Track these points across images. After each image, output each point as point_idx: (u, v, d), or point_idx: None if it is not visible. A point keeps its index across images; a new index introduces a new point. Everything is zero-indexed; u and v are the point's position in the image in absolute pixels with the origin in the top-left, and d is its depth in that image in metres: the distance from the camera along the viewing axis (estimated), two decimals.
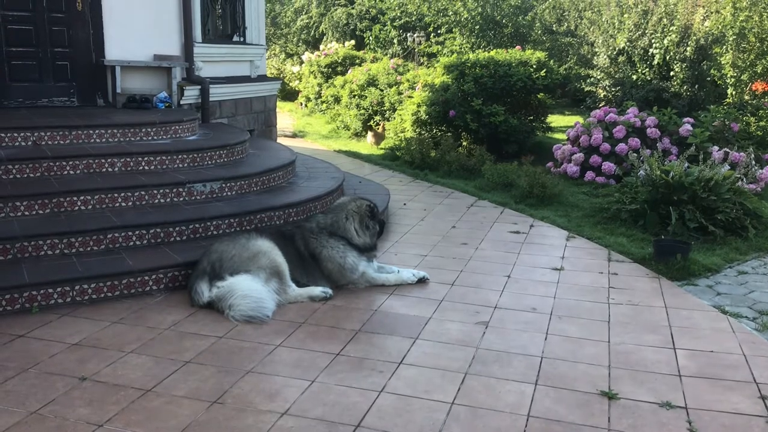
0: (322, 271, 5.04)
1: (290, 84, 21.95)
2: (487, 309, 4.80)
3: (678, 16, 11.47)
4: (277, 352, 4.04)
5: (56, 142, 6.23)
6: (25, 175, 5.71)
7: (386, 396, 3.54)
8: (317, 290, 4.88)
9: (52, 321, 4.39)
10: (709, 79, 11.81)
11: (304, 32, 24.68)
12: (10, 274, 4.61)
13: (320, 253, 5.04)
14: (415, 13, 19.34)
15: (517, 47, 13.39)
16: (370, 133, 13.59)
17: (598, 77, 12.60)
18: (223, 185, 6.19)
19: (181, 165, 6.42)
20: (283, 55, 24.95)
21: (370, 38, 21.88)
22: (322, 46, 20.94)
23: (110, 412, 3.32)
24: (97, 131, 6.44)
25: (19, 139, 6.09)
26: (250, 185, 6.42)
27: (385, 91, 14.34)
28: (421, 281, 5.29)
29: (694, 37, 11.28)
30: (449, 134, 11.82)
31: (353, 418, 3.31)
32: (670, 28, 11.40)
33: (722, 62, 11.45)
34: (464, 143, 11.80)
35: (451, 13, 16.92)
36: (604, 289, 5.28)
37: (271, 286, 4.70)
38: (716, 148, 9.11)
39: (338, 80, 16.79)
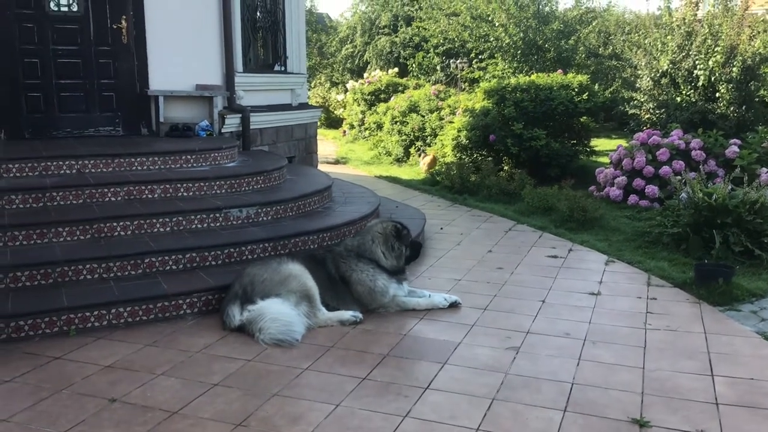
0: (353, 294, 5.05)
1: (335, 112, 22.24)
2: (519, 334, 4.73)
3: (723, 37, 11.24)
4: (304, 376, 4.04)
5: (99, 170, 6.43)
6: (68, 202, 5.89)
7: (410, 421, 3.51)
8: (347, 314, 4.89)
9: (88, 343, 4.50)
10: (757, 99, 11.50)
11: (348, 61, 25.03)
12: (50, 298, 4.75)
13: (350, 276, 5.06)
14: (456, 39, 19.40)
15: (559, 71, 13.30)
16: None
17: (642, 100, 12.41)
18: (259, 210, 6.28)
19: (218, 191, 6.55)
20: (328, 84, 25.34)
21: (414, 65, 22.05)
22: (366, 74, 21.19)
23: None
24: (138, 159, 6.62)
25: (64, 167, 6.31)
26: (285, 210, 6.49)
27: (426, 117, 14.40)
28: (453, 306, 5.24)
29: (741, 57, 11.03)
30: (490, 159, 11.77)
31: None
32: (715, 49, 11.18)
33: None
34: (505, 167, 11.73)
35: (492, 39, 16.93)
36: (642, 314, 5.14)
37: (301, 310, 4.72)
38: (765, 170, 8.85)
39: (381, 107, 16.92)
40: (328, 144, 18.09)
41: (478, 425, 3.46)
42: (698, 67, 11.41)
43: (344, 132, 19.82)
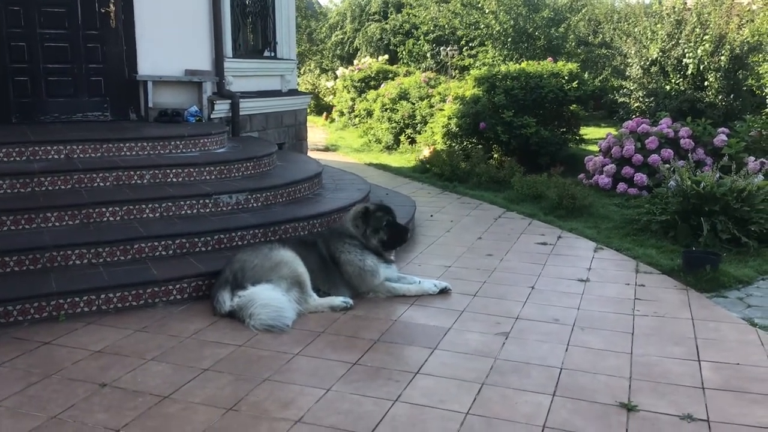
0: (343, 275, 5.07)
1: (325, 99, 22.16)
2: (508, 320, 4.76)
3: (712, 26, 11.28)
4: (294, 361, 4.06)
5: (88, 155, 6.39)
6: (57, 187, 5.86)
7: (400, 405, 3.53)
8: (338, 300, 4.90)
9: (78, 329, 4.48)
10: (745, 88, 11.57)
11: (338, 48, 24.91)
12: (39, 283, 4.73)
13: (339, 257, 5.08)
14: (447, 26, 19.37)
15: (549, 59, 13.31)
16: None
17: (631, 88, 12.45)
18: (249, 196, 6.26)
19: (208, 177, 6.52)
20: (317, 71, 25.22)
21: (404, 52, 21.99)
22: (356, 61, 21.11)
23: (127, 418, 3.37)
24: (127, 144, 6.59)
25: (53, 152, 6.26)
26: (275, 196, 6.48)
27: (416, 104, 14.38)
28: (443, 292, 5.26)
29: (729, 46, 11.08)
30: (480, 146, 11.78)
31: (366, 427, 3.31)
32: (704, 38, 11.22)
33: (760, 72, 11.21)
34: (495, 155, 11.75)
35: (482, 26, 16.91)
36: (630, 301, 5.18)
37: (292, 296, 4.73)
38: (752, 158, 8.91)
39: (371, 94, 16.89)
40: (317, 131, 18.03)
41: (468, 409, 3.49)
42: (687, 55, 11.46)
43: (327, 116, 19.74)
